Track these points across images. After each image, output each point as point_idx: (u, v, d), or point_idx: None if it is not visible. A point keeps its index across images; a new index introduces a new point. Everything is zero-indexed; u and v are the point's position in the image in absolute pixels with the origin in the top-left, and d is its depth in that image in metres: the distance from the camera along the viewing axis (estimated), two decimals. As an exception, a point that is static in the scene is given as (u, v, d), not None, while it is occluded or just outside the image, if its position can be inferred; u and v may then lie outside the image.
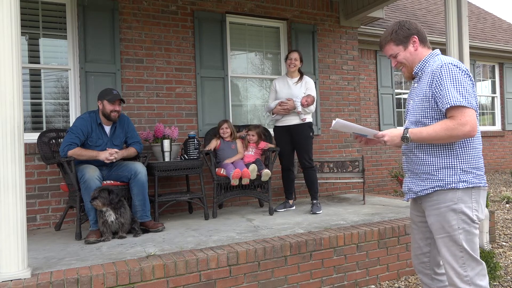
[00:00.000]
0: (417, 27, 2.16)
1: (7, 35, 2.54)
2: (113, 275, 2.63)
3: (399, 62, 2.19)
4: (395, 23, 2.22)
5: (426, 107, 2.04)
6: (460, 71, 1.96)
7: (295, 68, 4.68)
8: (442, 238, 2.04)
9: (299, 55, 4.69)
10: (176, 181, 4.96)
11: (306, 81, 4.69)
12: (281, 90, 4.70)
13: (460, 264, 2.00)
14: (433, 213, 2.07)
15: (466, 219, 1.99)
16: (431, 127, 1.98)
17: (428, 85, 2.03)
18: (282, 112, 4.60)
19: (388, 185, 7.66)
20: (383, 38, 2.20)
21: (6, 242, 2.52)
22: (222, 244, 3.18)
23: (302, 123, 4.59)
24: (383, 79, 7.78)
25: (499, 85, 9.83)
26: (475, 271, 1.99)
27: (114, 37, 4.70)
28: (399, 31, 2.15)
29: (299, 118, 4.58)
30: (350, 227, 3.63)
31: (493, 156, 9.56)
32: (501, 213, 5.79)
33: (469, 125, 1.89)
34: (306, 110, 4.59)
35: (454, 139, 1.95)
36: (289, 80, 4.72)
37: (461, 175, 2.00)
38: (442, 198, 2.03)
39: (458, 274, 2.00)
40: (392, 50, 2.18)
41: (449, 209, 2.01)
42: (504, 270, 3.66)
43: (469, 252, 1.99)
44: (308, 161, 4.59)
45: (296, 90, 4.62)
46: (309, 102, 4.53)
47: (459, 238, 1.99)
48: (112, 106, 3.85)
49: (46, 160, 3.94)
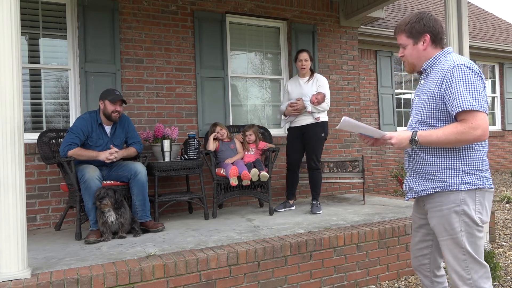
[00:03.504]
0: (435, 25, 2.06)
1: (7, 35, 2.54)
2: (113, 275, 2.63)
3: (404, 55, 2.15)
4: (416, 13, 2.12)
5: (432, 107, 1.98)
6: (473, 73, 1.89)
7: (306, 69, 4.62)
8: (445, 240, 2.01)
9: (308, 54, 4.62)
10: (176, 181, 4.96)
11: (318, 79, 4.61)
12: (293, 91, 4.65)
13: (463, 267, 1.96)
14: (436, 215, 2.03)
15: (469, 222, 1.95)
16: (440, 131, 1.91)
17: (437, 85, 1.96)
18: (293, 113, 4.55)
19: (388, 185, 7.66)
20: (398, 26, 2.14)
21: (6, 242, 2.52)
22: (222, 244, 3.18)
23: (315, 123, 4.49)
24: (383, 79, 7.78)
25: (499, 85, 9.83)
26: (479, 274, 1.95)
27: (114, 37, 4.70)
28: (415, 24, 2.07)
29: (312, 117, 4.49)
30: (350, 227, 3.63)
31: (493, 156, 9.55)
32: (501, 213, 5.79)
33: (480, 129, 1.83)
34: (319, 109, 4.48)
35: (464, 143, 1.89)
36: (300, 80, 4.67)
37: (464, 177, 1.95)
38: (445, 200, 1.99)
39: (461, 277, 1.97)
40: (402, 41, 2.13)
41: (452, 211, 1.97)
42: (504, 270, 3.66)
43: (473, 255, 1.95)
44: (315, 163, 4.53)
45: (307, 89, 4.55)
46: (319, 99, 4.44)
47: (462, 241, 1.95)
48: (113, 107, 3.85)
49: (46, 160, 3.94)
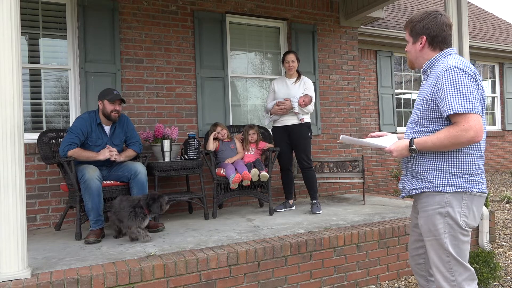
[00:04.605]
0: (435, 28, 2.04)
1: (7, 35, 2.54)
2: (113, 275, 2.63)
3: (407, 51, 2.19)
4: (424, 12, 2.12)
5: (425, 109, 2.00)
6: (466, 74, 1.88)
7: (294, 70, 4.69)
8: (429, 241, 2.03)
9: (295, 55, 4.69)
10: (176, 181, 4.96)
11: (305, 81, 4.69)
12: (280, 91, 4.70)
13: (447, 269, 1.97)
14: (423, 215, 2.06)
15: (452, 224, 1.95)
16: (435, 136, 1.92)
17: (431, 86, 1.98)
18: (279, 112, 4.60)
19: (388, 185, 7.66)
20: (407, 21, 2.17)
21: (6, 242, 2.52)
22: (222, 244, 3.18)
23: (300, 123, 4.58)
24: (383, 79, 7.78)
25: (499, 85, 9.83)
26: (463, 277, 1.96)
27: (114, 37, 4.70)
28: (416, 23, 2.09)
29: (297, 118, 4.58)
30: (350, 227, 3.63)
31: (493, 156, 9.56)
32: (501, 213, 5.79)
33: (472, 131, 1.82)
34: (304, 110, 4.58)
35: (459, 145, 1.89)
36: (287, 81, 4.72)
37: (450, 179, 1.95)
38: (431, 201, 2.01)
39: (445, 278, 1.98)
40: (406, 37, 2.18)
41: (436, 212, 1.98)
42: (504, 270, 3.66)
43: (456, 258, 1.95)
44: (306, 162, 4.58)
45: (294, 90, 4.62)
46: (306, 102, 4.53)
47: (445, 243, 1.96)
48: (112, 106, 3.85)
49: (46, 160, 3.93)
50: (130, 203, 3.41)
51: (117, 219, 3.49)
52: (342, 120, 6.15)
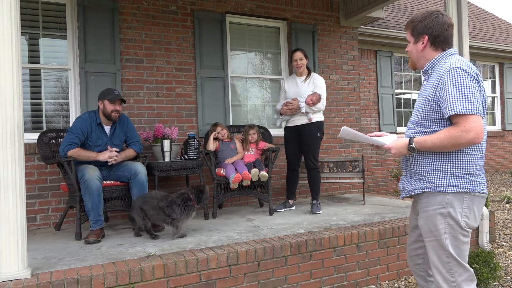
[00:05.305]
0: (436, 28, 2.04)
1: (7, 35, 2.54)
2: (113, 275, 2.63)
3: (408, 50, 2.18)
4: (426, 11, 2.11)
5: (427, 109, 2.00)
6: (468, 75, 1.88)
7: (302, 68, 4.62)
8: (430, 241, 2.02)
9: (303, 52, 4.62)
10: (176, 181, 4.96)
11: (314, 79, 4.60)
12: (290, 90, 4.65)
13: (447, 269, 1.97)
14: (423, 216, 2.05)
15: (453, 225, 1.95)
16: (435, 136, 1.92)
17: (433, 87, 1.97)
18: (288, 112, 4.55)
19: (388, 185, 7.66)
20: (408, 21, 2.16)
21: (6, 242, 2.53)
22: (222, 244, 3.18)
23: (310, 123, 4.50)
24: (383, 79, 7.78)
25: (499, 85, 9.84)
26: (462, 277, 1.96)
27: (114, 37, 4.70)
28: (418, 23, 2.08)
29: (307, 118, 4.50)
30: (350, 227, 3.63)
31: (493, 156, 9.56)
32: (501, 213, 5.79)
33: (473, 132, 1.82)
34: (314, 109, 4.48)
35: (459, 146, 1.89)
36: (297, 79, 4.67)
37: (452, 179, 1.95)
38: (432, 201, 2.00)
39: (445, 278, 1.98)
40: (407, 36, 2.17)
41: (437, 213, 1.98)
42: (504, 270, 3.66)
43: (456, 258, 1.95)
44: (313, 162, 4.53)
45: (303, 88, 4.54)
46: (314, 100, 4.43)
47: (446, 243, 1.96)
48: (112, 106, 3.84)
49: (46, 160, 3.93)
50: (180, 196, 3.48)
51: (155, 215, 3.46)
52: (342, 120, 6.15)
